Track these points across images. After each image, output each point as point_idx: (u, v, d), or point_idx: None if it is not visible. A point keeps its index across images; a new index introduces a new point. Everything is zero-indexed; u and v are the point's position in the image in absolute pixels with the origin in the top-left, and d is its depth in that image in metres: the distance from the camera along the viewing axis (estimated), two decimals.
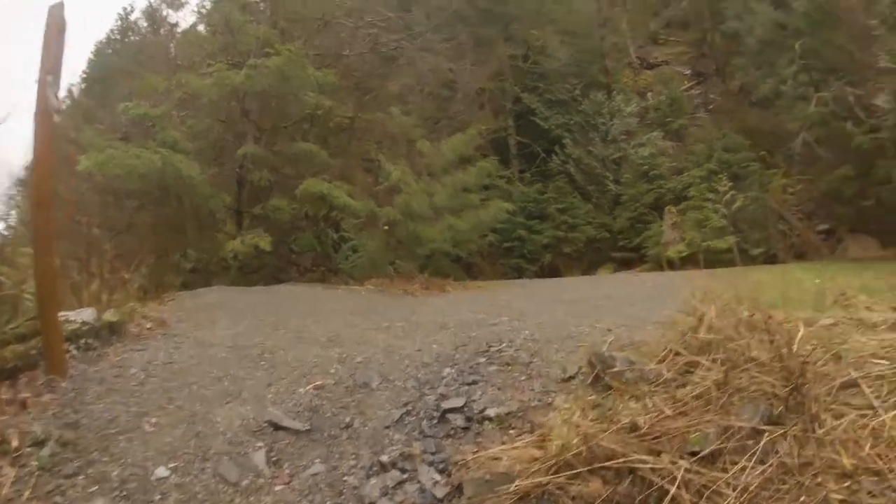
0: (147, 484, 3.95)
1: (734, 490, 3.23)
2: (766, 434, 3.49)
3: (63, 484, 3.88)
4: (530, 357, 5.56)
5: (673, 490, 3.27)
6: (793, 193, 25.43)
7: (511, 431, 4.41)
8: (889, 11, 14.61)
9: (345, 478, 4.14)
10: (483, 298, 10.33)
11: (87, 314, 6.13)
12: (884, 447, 3.29)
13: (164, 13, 32.42)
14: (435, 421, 4.71)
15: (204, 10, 22.91)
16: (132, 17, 38.62)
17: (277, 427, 4.65)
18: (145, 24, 37.08)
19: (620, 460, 3.53)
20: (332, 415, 4.88)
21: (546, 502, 3.57)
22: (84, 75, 37.63)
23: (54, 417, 4.56)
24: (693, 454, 3.51)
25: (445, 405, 4.85)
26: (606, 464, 3.55)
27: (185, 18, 42.38)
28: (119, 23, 39.34)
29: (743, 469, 3.32)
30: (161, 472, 4.06)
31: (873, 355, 4.15)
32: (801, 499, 3.12)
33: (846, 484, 3.15)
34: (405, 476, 4.10)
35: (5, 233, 17.60)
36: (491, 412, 4.66)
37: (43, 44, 5.08)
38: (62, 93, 14.00)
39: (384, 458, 4.26)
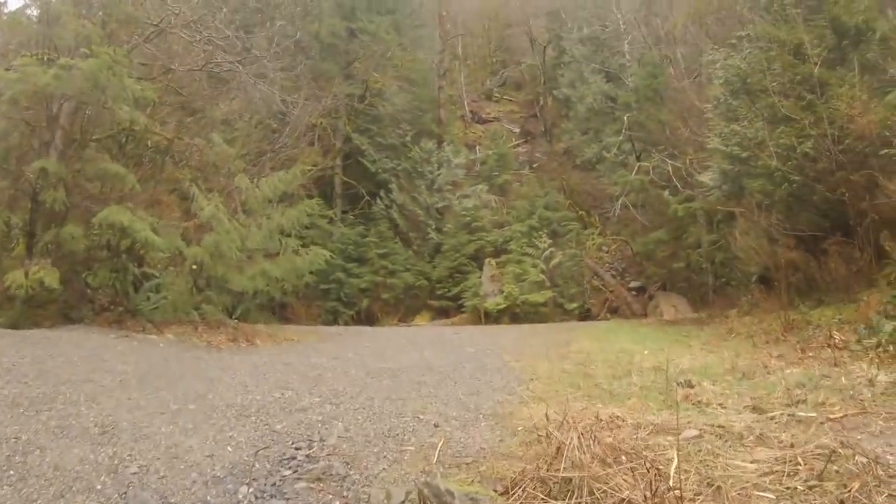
0: None
1: None
2: None
3: None
4: (346, 468, 4.69)
5: None
6: (607, 252, 26.65)
7: None
8: (722, 98, 15.52)
9: None
10: (293, 362, 9.25)
11: None
12: None
13: None
14: None
15: None
16: None
17: None
18: None
19: None
20: None
21: None
22: None
23: None
24: None
25: None
26: None
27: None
28: None
29: None
30: None
31: (756, 486, 3.79)
32: None
33: None
34: None
35: None
36: None
37: None
38: None
39: None
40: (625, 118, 25.65)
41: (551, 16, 34.74)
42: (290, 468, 4.71)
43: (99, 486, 4.24)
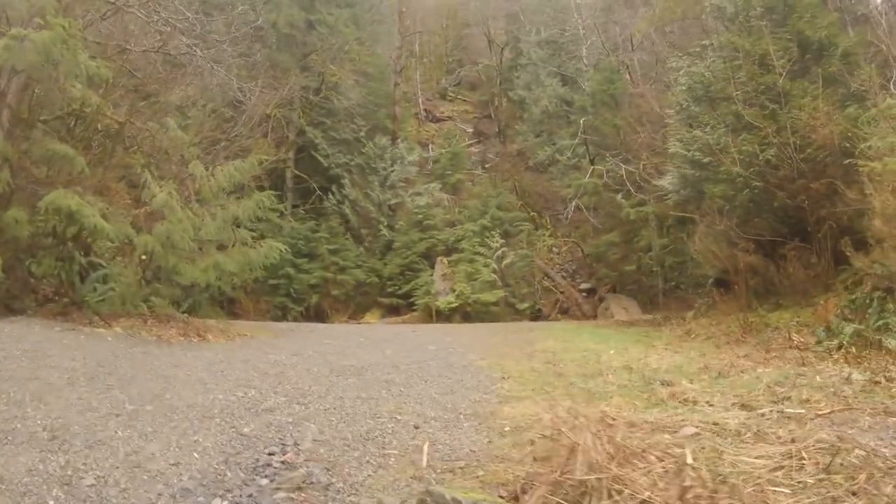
0: None
1: None
2: None
3: None
4: (328, 475, 4.30)
5: None
6: (558, 254, 26.63)
7: None
8: (684, 104, 15.55)
9: None
10: (251, 358, 8.75)
11: None
12: None
13: None
14: None
15: None
16: None
17: None
18: None
19: None
20: None
21: None
22: None
23: None
24: None
25: None
26: None
27: None
28: None
29: None
30: None
31: (769, 482, 3.68)
32: None
33: None
34: None
35: None
36: None
37: None
38: None
39: None
40: (580, 121, 25.65)
41: (510, 18, 34.59)
42: (265, 476, 4.31)
43: (52, 502, 3.74)
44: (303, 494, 4.03)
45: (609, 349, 10.84)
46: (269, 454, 4.65)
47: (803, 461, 3.94)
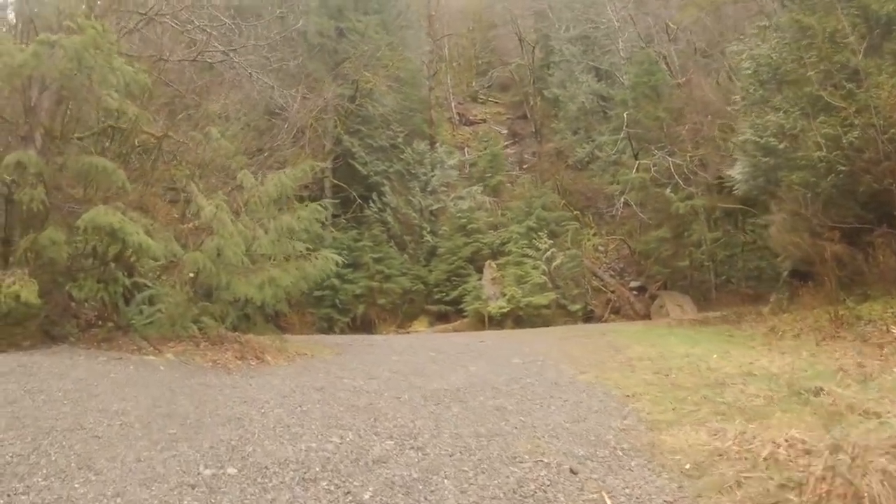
0: None
1: None
2: None
3: None
4: None
5: None
6: (604, 252, 25.16)
7: None
8: (751, 90, 14.19)
9: None
10: (325, 385, 7.34)
11: None
12: None
13: None
14: None
15: None
16: None
17: None
18: None
19: None
20: None
21: None
22: None
23: None
24: None
25: None
26: None
27: None
28: None
29: None
30: None
31: None
32: None
33: None
34: None
35: None
36: None
37: None
38: None
39: None
40: (623, 115, 24.12)
41: (538, 16, 33.13)
42: None
43: None
44: None
45: (708, 352, 9.55)
46: None
47: None
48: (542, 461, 4.37)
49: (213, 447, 4.59)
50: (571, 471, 4.14)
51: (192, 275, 10.58)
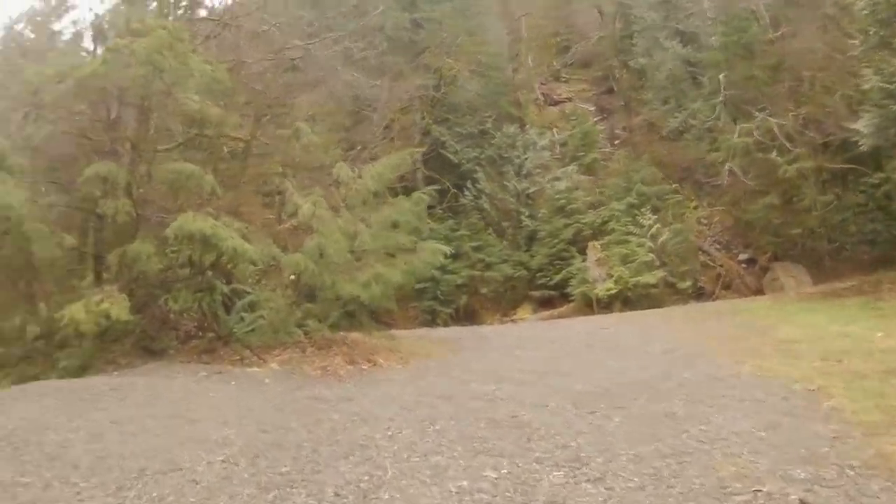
0: None
1: None
2: None
3: None
4: None
5: None
6: (707, 224, 23.07)
7: None
8: (870, 32, 12.23)
9: None
10: (453, 394, 6.07)
11: None
12: None
13: None
14: None
15: None
16: None
17: None
18: None
19: None
20: None
21: None
22: None
23: None
24: None
25: None
26: None
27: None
28: None
29: None
30: None
31: None
32: None
33: None
34: None
35: None
36: None
37: None
38: None
39: None
40: (719, 78, 21.91)
41: None
42: None
43: None
44: None
45: (867, 330, 8.01)
46: None
47: None
48: (760, 490, 3.11)
49: (339, 494, 3.43)
50: (802, 503, 2.82)
51: (293, 277, 9.67)
